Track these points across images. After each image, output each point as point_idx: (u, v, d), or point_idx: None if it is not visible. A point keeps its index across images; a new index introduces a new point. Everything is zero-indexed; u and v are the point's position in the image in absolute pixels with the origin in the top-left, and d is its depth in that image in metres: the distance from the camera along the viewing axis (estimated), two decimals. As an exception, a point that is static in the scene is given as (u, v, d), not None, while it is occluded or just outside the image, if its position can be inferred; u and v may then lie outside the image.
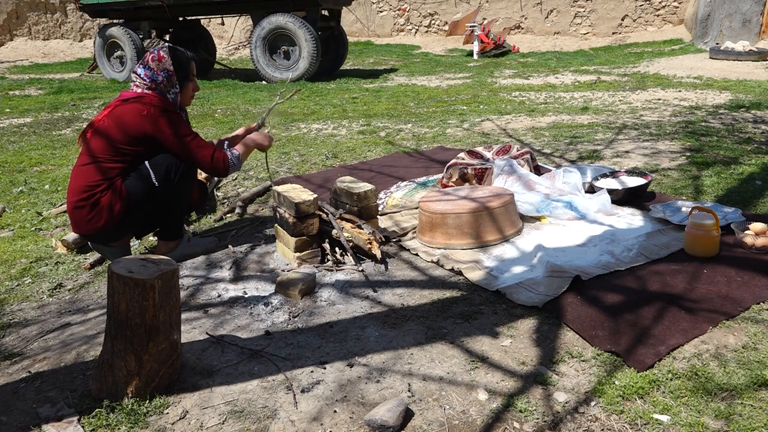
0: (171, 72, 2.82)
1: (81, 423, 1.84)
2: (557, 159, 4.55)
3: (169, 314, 1.95)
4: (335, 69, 11.04)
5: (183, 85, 2.89)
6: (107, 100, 8.52)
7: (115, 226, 2.79)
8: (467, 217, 3.00)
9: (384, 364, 2.09)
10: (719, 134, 5.08)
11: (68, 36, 17.96)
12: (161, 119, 2.74)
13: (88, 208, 2.74)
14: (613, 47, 13.35)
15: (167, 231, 3.04)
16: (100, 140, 2.76)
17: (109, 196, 2.73)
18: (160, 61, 2.82)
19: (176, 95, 2.88)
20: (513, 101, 7.26)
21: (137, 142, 2.75)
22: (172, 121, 2.78)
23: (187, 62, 2.89)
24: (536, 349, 2.13)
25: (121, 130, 2.74)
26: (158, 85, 2.82)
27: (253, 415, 1.86)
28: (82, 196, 2.74)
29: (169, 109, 2.79)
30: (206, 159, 2.86)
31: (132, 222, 2.86)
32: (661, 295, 2.41)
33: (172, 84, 2.84)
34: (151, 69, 2.81)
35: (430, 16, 16.08)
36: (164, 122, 2.75)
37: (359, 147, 5.24)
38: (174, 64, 2.83)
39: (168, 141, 2.78)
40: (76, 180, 2.79)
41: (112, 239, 2.91)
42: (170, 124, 2.77)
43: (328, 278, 2.76)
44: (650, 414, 1.76)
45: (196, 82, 2.99)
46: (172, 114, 2.79)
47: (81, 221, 2.78)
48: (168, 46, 2.90)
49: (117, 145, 2.74)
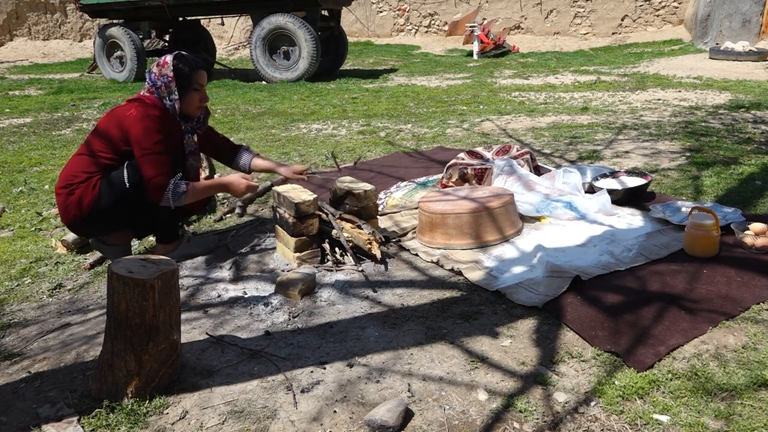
0: (170, 79, 2.80)
1: (81, 423, 1.84)
2: (557, 159, 4.55)
3: (169, 314, 1.95)
4: (335, 69, 11.05)
5: (184, 93, 2.84)
6: (107, 101, 8.53)
7: (84, 220, 2.78)
8: (467, 218, 3.00)
9: (384, 364, 2.09)
10: (719, 134, 5.08)
11: (68, 36, 17.96)
12: (138, 123, 2.72)
13: (64, 196, 2.78)
14: (612, 47, 13.35)
15: (160, 233, 3.04)
16: (99, 135, 2.80)
17: (82, 189, 2.74)
18: (162, 66, 2.81)
19: (175, 102, 2.83)
20: (513, 101, 7.26)
21: (128, 142, 2.76)
22: (145, 127, 2.72)
23: (190, 72, 2.84)
24: (536, 350, 2.13)
25: (115, 126, 2.76)
26: (157, 89, 2.82)
27: (253, 416, 1.86)
28: (63, 184, 2.79)
29: (153, 115, 2.74)
30: (146, 176, 2.74)
31: (105, 219, 2.82)
32: (661, 296, 2.41)
33: (170, 91, 2.82)
34: (154, 73, 2.82)
35: (430, 16, 16.08)
36: (138, 126, 2.72)
37: (359, 147, 5.25)
38: (174, 71, 2.80)
39: (133, 145, 2.75)
40: (65, 168, 2.84)
41: (85, 233, 2.95)
42: (142, 129, 2.72)
43: (327, 278, 2.76)
44: (650, 414, 1.77)
45: (204, 93, 2.92)
46: (151, 121, 2.73)
47: (59, 208, 2.84)
48: (178, 53, 2.88)
49: (113, 141, 2.76)
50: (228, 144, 3.28)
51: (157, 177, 2.74)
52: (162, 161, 2.76)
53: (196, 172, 3.08)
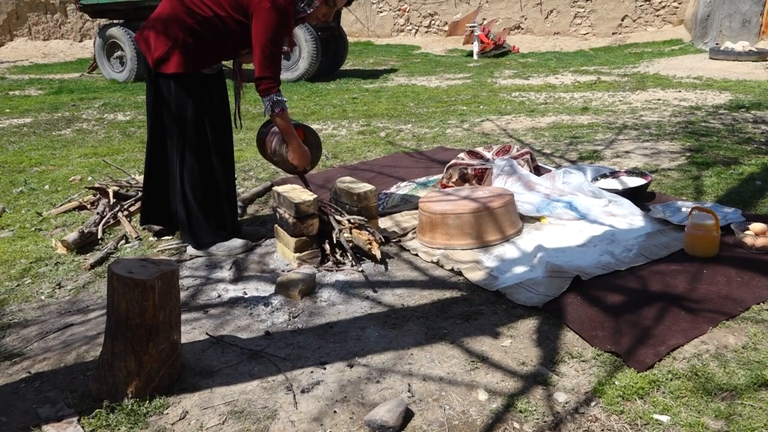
0: None
1: (81, 423, 1.84)
2: (557, 159, 4.55)
3: (169, 315, 1.95)
4: (335, 69, 11.04)
5: (314, 4, 2.84)
6: (107, 101, 8.52)
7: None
8: (468, 218, 3.00)
9: (384, 365, 2.09)
10: (719, 134, 5.08)
11: (68, 36, 17.96)
12: (269, 9, 2.69)
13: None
14: (613, 47, 13.34)
15: None
16: None
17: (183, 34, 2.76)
18: None
19: (306, 8, 2.84)
20: (513, 101, 7.26)
21: (236, 8, 2.74)
22: (272, 18, 2.71)
23: None
24: (536, 350, 2.13)
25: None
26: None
27: (253, 416, 1.86)
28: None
29: (280, 7, 2.71)
30: (259, 71, 2.76)
31: None
32: (661, 296, 2.41)
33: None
34: None
35: (430, 16, 16.08)
36: (266, 12, 2.69)
37: (359, 147, 5.25)
38: None
39: (254, 28, 2.73)
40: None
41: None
42: (268, 19, 2.70)
43: (328, 279, 2.76)
44: (650, 414, 1.76)
45: (331, 12, 2.94)
46: (280, 15, 2.72)
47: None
48: None
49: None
50: None
51: (267, 82, 2.77)
52: (278, 61, 2.80)
53: None
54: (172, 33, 2.79)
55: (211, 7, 2.77)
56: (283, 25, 2.77)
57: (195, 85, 2.89)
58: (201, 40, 2.81)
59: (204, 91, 2.93)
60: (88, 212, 3.81)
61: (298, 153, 2.99)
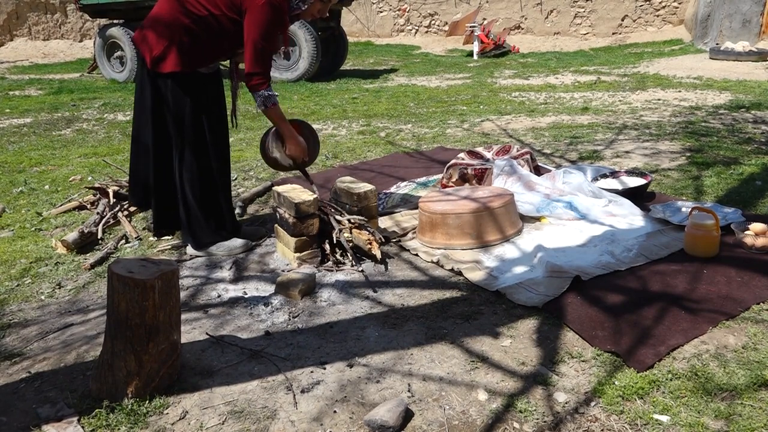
0: None
1: (81, 423, 1.84)
2: (557, 159, 4.55)
3: (169, 314, 1.95)
4: (335, 69, 11.04)
5: (308, 0, 2.85)
6: (107, 101, 8.52)
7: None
8: (468, 217, 3.00)
9: (384, 365, 2.09)
10: (719, 134, 5.08)
11: (68, 36, 17.96)
12: (263, 6, 2.70)
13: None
14: (613, 47, 13.34)
15: None
16: None
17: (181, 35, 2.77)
18: None
19: (301, 4, 2.85)
20: (513, 101, 7.26)
21: (231, 7, 2.75)
22: (265, 15, 2.72)
23: None
24: (536, 350, 2.13)
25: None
26: None
27: (253, 416, 1.86)
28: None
29: (275, 4, 2.73)
30: (249, 67, 2.79)
31: None
32: (661, 296, 2.41)
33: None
34: None
35: (430, 16, 16.08)
36: (260, 9, 2.71)
37: (359, 147, 5.24)
38: None
39: (246, 24, 2.75)
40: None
41: None
42: (261, 15, 2.72)
43: (328, 278, 2.76)
44: (650, 414, 1.76)
45: (326, 8, 2.95)
46: (274, 12, 2.73)
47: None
48: None
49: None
50: None
51: (257, 79, 2.81)
52: (268, 58, 2.83)
53: None
54: (168, 32, 2.79)
55: (206, 6, 2.78)
56: (277, 22, 2.77)
57: (192, 84, 2.89)
58: (197, 39, 2.81)
59: (201, 90, 2.93)
60: (88, 212, 3.81)
61: (293, 143, 3.01)
